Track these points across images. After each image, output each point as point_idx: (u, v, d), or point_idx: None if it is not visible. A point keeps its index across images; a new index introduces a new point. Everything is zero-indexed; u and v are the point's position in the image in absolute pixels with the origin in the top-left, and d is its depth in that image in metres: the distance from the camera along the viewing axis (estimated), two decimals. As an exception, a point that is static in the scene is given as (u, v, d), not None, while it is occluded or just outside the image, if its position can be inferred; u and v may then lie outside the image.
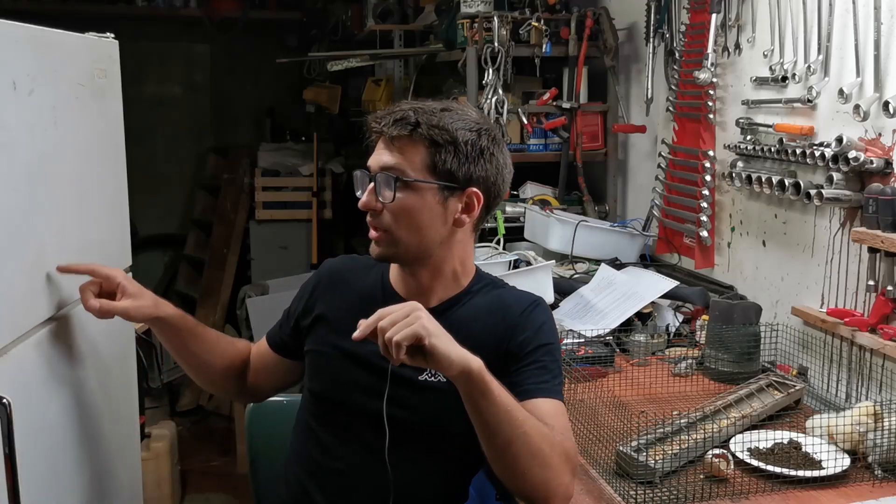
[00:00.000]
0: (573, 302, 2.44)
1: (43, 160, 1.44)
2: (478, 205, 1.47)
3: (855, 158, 1.82)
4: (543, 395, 1.39)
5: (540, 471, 1.28)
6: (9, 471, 1.26)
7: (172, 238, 5.85)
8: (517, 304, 1.50)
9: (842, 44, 1.93)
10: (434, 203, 1.43)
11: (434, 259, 1.48)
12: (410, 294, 1.51)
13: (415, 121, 1.41)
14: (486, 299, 1.51)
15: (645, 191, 2.97)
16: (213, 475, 3.99)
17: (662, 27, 2.77)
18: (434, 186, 1.42)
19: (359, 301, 1.54)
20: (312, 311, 1.59)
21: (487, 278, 1.57)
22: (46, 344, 1.47)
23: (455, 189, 1.44)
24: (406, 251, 1.45)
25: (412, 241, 1.44)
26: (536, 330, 1.47)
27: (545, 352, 1.45)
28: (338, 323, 1.55)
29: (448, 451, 1.50)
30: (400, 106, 1.45)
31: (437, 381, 1.45)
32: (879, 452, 1.53)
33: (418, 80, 3.89)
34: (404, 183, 1.41)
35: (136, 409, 1.99)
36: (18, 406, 1.27)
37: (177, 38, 5.93)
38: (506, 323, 1.47)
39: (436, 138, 1.41)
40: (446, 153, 1.42)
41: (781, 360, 2.08)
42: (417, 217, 1.43)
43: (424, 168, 1.42)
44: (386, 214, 1.43)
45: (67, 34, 1.59)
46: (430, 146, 1.41)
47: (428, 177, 1.42)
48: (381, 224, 1.44)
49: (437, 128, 1.41)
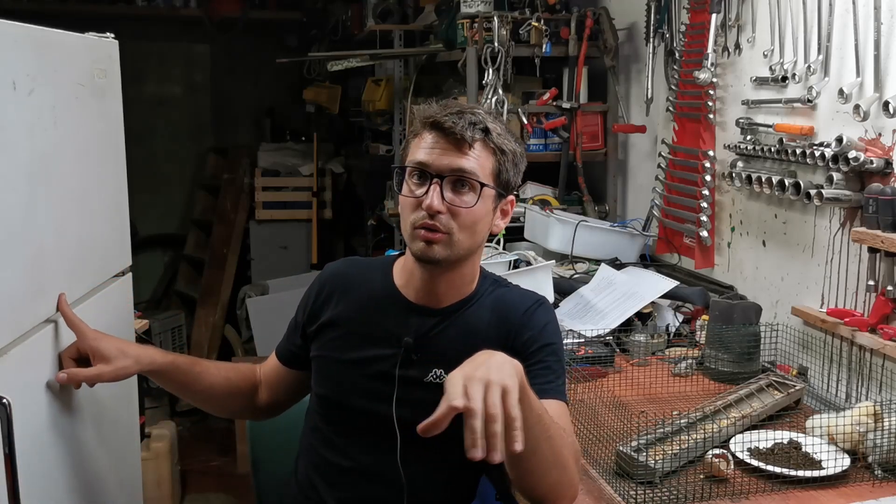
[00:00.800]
0: (573, 302, 2.44)
1: (43, 160, 1.44)
2: (511, 210, 1.50)
3: (855, 158, 1.82)
4: (549, 395, 1.38)
5: (558, 473, 1.28)
6: (9, 471, 1.26)
7: (172, 238, 5.85)
8: (521, 303, 1.50)
9: (842, 44, 1.93)
10: (490, 209, 1.45)
11: (466, 263, 1.48)
12: (421, 297, 1.50)
13: (485, 126, 1.41)
14: (490, 299, 1.52)
15: (645, 191, 2.97)
16: (213, 475, 3.99)
17: (662, 27, 2.77)
18: (494, 193, 1.44)
19: (365, 304, 1.54)
20: (319, 318, 1.58)
21: (491, 277, 1.58)
22: (46, 344, 1.47)
23: (503, 196, 1.47)
24: (458, 254, 1.44)
25: (465, 245, 1.44)
26: (540, 329, 1.47)
27: (549, 352, 1.45)
28: (342, 327, 1.54)
29: (455, 450, 1.49)
30: (458, 106, 1.44)
31: (440, 383, 1.45)
32: (879, 452, 1.53)
33: (418, 80, 3.89)
34: (479, 188, 1.41)
35: (136, 409, 1.99)
36: (18, 406, 1.27)
37: (177, 38, 5.93)
38: (509, 322, 1.48)
39: (503, 147, 1.43)
40: (508, 162, 1.44)
41: (781, 360, 2.08)
42: (479, 223, 1.43)
43: (492, 174, 1.43)
44: (447, 217, 1.40)
45: (67, 34, 1.59)
46: (498, 154, 1.42)
47: (493, 183, 1.43)
48: (441, 227, 1.41)
49: (503, 137, 1.43)
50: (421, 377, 1.47)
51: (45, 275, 1.46)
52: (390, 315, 1.51)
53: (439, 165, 1.40)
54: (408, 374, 1.47)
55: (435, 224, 1.40)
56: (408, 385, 1.47)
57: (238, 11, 5.56)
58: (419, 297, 1.51)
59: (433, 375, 1.46)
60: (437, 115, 1.41)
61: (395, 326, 1.50)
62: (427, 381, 1.47)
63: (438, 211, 1.39)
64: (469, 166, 1.40)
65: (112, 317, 1.76)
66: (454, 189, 1.40)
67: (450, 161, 1.40)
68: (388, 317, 1.51)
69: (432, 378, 1.46)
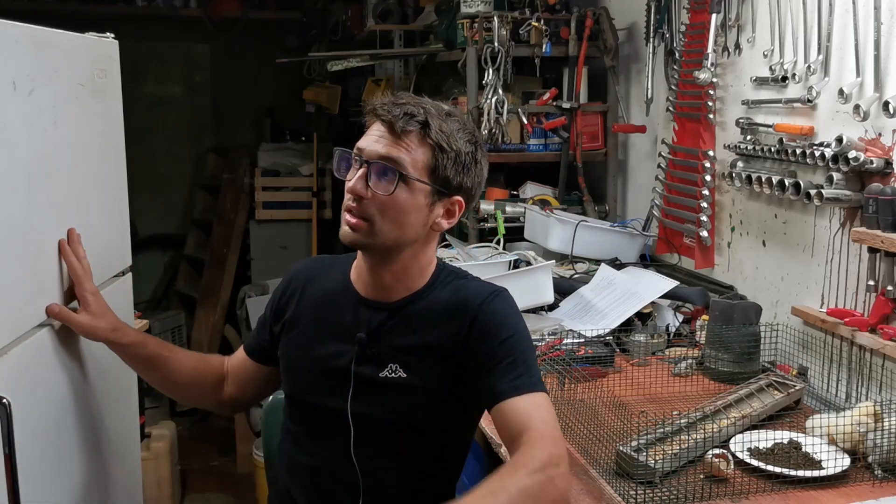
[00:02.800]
0: (573, 302, 2.44)
1: (43, 160, 1.44)
2: (458, 212, 1.48)
3: (855, 158, 1.82)
4: (519, 392, 1.36)
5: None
6: (9, 471, 1.26)
7: (172, 238, 5.85)
8: (475, 296, 1.47)
9: (842, 44, 1.93)
10: (423, 204, 1.43)
11: (402, 257, 1.47)
12: (370, 291, 1.50)
13: (424, 120, 1.40)
14: (445, 292, 1.50)
15: (645, 191, 2.97)
16: (213, 475, 3.99)
17: (662, 27, 2.77)
18: (428, 188, 1.42)
19: (322, 300, 1.55)
20: (282, 316, 1.59)
21: (449, 270, 1.55)
22: (46, 344, 1.47)
23: (444, 195, 1.44)
24: (382, 244, 1.44)
25: (391, 236, 1.43)
26: (499, 323, 1.43)
27: (511, 344, 1.41)
28: (303, 325, 1.56)
29: (415, 448, 1.49)
30: (406, 99, 1.43)
31: (397, 378, 1.46)
32: (879, 452, 1.53)
33: (418, 80, 3.89)
34: (403, 179, 1.40)
35: (136, 409, 2.00)
36: (18, 406, 1.27)
37: (177, 38, 5.93)
38: (463, 315, 1.45)
39: (442, 144, 1.41)
40: (448, 160, 1.41)
41: (781, 360, 2.08)
42: (405, 215, 1.42)
43: (425, 169, 1.41)
44: (371, 204, 1.41)
45: (67, 34, 1.59)
46: (435, 150, 1.41)
47: (426, 178, 1.42)
48: (363, 212, 1.41)
49: (446, 134, 1.41)
50: (377, 373, 1.46)
51: (45, 275, 1.46)
52: (343, 309, 1.52)
53: (370, 152, 1.41)
54: (363, 369, 1.47)
55: (358, 209, 1.42)
56: (364, 381, 1.47)
57: (238, 11, 5.55)
58: (368, 290, 1.51)
59: (389, 370, 1.46)
60: (379, 103, 1.43)
61: (348, 322, 1.50)
62: (382, 376, 1.46)
63: (359, 195, 1.41)
64: (395, 155, 1.39)
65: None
66: (380, 175, 1.40)
67: (379, 148, 1.40)
68: (341, 311, 1.52)
69: (388, 373, 1.46)
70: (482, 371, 1.40)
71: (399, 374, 1.45)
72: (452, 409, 1.48)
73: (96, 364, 1.68)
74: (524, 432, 1.30)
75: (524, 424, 1.32)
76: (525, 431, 1.31)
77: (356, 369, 1.47)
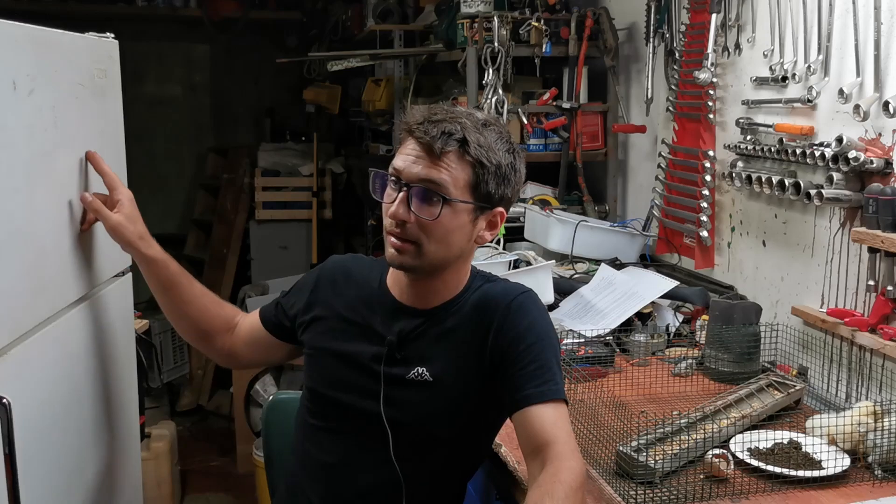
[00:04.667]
0: (573, 302, 2.44)
1: (43, 160, 1.44)
2: (500, 222, 1.47)
3: (855, 158, 1.82)
4: (544, 399, 1.35)
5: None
6: (9, 471, 1.26)
7: (172, 238, 5.83)
8: (503, 297, 1.47)
9: (842, 44, 1.93)
10: (466, 221, 1.41)
11: (446, 272, 1.47)
12: (407, 298, 1.50)
13: (462, 137, 1.36)
14: (475, 296, 1.50)
15: (645, 191, 2.97)
16: (213, 475, 3.99)
17: (662, 27, 2.76)
18: (471, 206, 1.40)
19: (357, 300, 1.55)
20: (312, 310, 1.59)
21: (481, 275, 1.56)
22: (46, 344, 1.47)
23: (486, 209, 1.43)
24: (430, 264, 1.43)
25: (438, 256, 1.41)
26: (527, 326, 1.43)
27: (539, 348, 1.40)
28: (334, 321, 1.55)
29: (438, 448, 1.50)
30: (440, 115, 1.38)
31: (423, 380, 1.46)
32: (879, 452, 1.53)
33: (418, 80, 3.89)
34: (446, 201, 1.37)
35: (136, 409, 1.99)
36: (18, 406, 1.27)
37: (177, 38, 5.93)
38: (490, 317, 1.45)
39: (482, 159, 1.37)
40: (488, 174, 1.39)
41: (781, 360, 2.08)
42: (450, 235, 1.40)
43: (466, 187, 1.38)
44: (414, 227, 1.38)
45: (67, 34, 1.59)
46: (476, 167, 1.38)
47: (468, 196, 1.39)
48: (408, 235, 1.39)
49: (485, 149, 1.37)
50: (404, 374, 1.47)
51: (45, 275, 1.46)
52: (379, 314, 1.52)
53: (409, 174, 1.37)
54: (392, 371, 1.47)
55: (402, 233, 1.39)
56: (391, 382, 1.47)
57: (238, 11, 5.55)
58: (405, 297, 1.51)
59: (415, 373, 1.46)
60: (413, 122, 1.38)
61: (381, 325, 1.50)
62: (409, 378, 1.47)
63: (402, 219, 1.38)
64: (438, 177, 1.36)
65: (112, 317, 1.76)
66: (423, 199, 1.37)
67: (419, 170, 1.37)
68: (376, 315, 1.52)
69: (414, 376, 1.46)
70: (507, 373, 1.40)
71: (424, 376, 1.46)
72: (478, 410, 1.48)
73: (96, 364, 1.68)
74: (551, 445, 1.30)
75: (550, 436, 1.32)
76: (552, 444, 1.31)
77: (385, 370, 1.47)
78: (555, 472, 1.27)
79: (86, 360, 1.63)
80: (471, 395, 1.46)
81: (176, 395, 4.68)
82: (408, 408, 1.47)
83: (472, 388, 1.45)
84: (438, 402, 1.46)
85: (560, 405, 1.37)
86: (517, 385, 1.37)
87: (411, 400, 1.47)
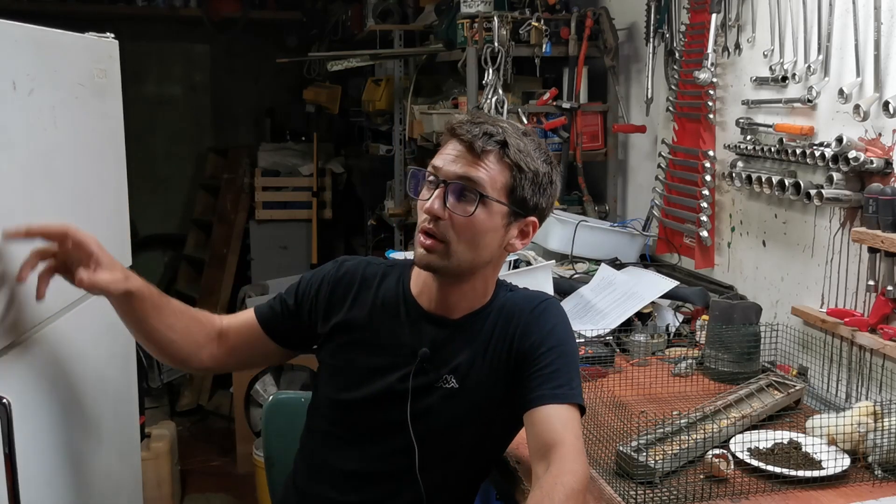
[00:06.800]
0: (573, 302, 2.44)
1: (43, 160, 1.44)
2: (532, 233, 1.47)
3: (855, 158, 1.82)
4: (557, 401, 1.36)
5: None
6: (9, 471, 1.26)
7: (172, 238, 5.85)
8: (525, 305, 1.48)
9: (842, 44, 1.93)
10: (499, 225, 1.42)
11: (474, 278, 1.47)
12: (436, 307, 1.49)
13: (503, 139, 1.38)
14: (498, 304, 1.50)
15: (645, 191, 2.97)
16: (213, 475, 3.99)
17: (662, 27, 2.76)
18: (505, 209, 1.41)
19: (380, 309, 1.52)
20: (331, 318, 1.54)
21: (504, 285, 1.56)
22: (46, 344, 1.47)
23: (519, 215, 1.43)
24: (457, 266, 1.42)
25: (466, 258, 1.41)
26: (549, 331, 1.44)
27: (558, 353, 1.41)
28: (357, 332, 1.52)
29: (459, 455, 1.50)
30: (483, 118, 1.41)
31: (449, 388, 1.46)
32: (879, 452, 1.53)
33: (418, 80, 3.90)
34: (482, 200, 1.37)
35: (136, 409, 1.99)
36: (18, 406, 1.27)
37: (177, 38, 5.94)
38: (513, 325, 1.46)
39: (521, 164, 1.39)
40: (525, 180, 1.40)
41: (781, 360, 2.08)
42: (481, 236, 1.40)
43: (503, 189, 1.39)
44: (448, 224, 1.38)
45: (67, 34, 1.59)
46: (514, 170, 1.39)
47: (504, 199, 1.40)
48: (440, 233, 1.39)
49: (524, 154, 1.39)
50: (432, 383, 1.47)
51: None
52: (405, 323, 1.50)
53: (447, 171, 1.39)
54: (419, 381, 1.47)
55: (433, 230, 1.39)
56: (420, 393, 1.47)
57: (238, 11, 5.56)
58: (433, 306, 1.49)
59: (443, 381, 1.46)
60: (457, 122, 1.40)
61: (409, 335, 1.49)
62: (437, 386, 1.47)
63: (437, 215, 1.38)
64: (475, 175, 1.37)
65: (112, 317, 1.75)
66: (459, 197, 1.38)
67: (458, 168, 1.38)
68: (402, 325, 1.50)
69: (442, 384, 1.47)
70: (525, 374, 1.41)
71: (451, 384, 1.46)
72: (500, 416, 1.48)
73: (96, 364, 1.68)
74: (557, 447, 1.31)
75: (558, 437, 1.32)
76: (558, 446, 1.31)
77: (414, 383, 1.46)
78: (557, 474, 1.27)
79: (86, 360, 1.63)
80: (495, 401, 1.46)
81: (176, 395, 4.68)
82: (433, 415, 1.47)
83: (497, 395, 1.46)
84: (463, 408, 1.46)
85: (573, 409, 1.37)
86: (532, 386, 1.38)
87: (437, 407, 1.47)
